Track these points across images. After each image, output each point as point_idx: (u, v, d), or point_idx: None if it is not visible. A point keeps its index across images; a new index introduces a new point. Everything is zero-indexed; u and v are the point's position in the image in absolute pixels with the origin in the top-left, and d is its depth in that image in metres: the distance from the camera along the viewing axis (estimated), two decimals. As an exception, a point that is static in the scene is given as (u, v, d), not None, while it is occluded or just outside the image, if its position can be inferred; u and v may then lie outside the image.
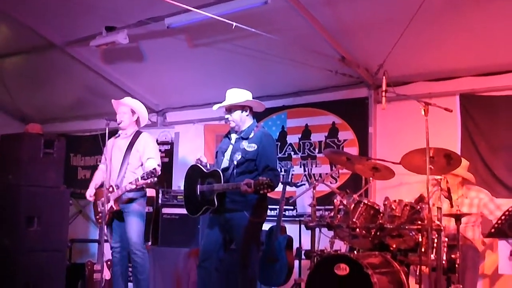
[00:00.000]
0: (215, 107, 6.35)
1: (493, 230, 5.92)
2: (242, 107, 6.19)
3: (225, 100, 6.27)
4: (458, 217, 5.98)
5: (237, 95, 6.24)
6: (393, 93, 6.37)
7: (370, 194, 8.13)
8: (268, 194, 5.87)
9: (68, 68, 10.02)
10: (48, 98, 11.61)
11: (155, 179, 6.79)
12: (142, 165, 7.16)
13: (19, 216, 8.28)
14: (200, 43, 8.51)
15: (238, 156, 6.03)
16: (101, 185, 7.16)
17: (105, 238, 7.19)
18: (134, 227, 7.03)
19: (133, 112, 7.34)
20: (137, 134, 7.30)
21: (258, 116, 6.51)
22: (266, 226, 7.51)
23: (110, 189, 6.98)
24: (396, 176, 6.92)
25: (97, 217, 7.25)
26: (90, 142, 11.37)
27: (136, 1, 7.10)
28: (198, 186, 6.11)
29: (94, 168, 10.00)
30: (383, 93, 5.84)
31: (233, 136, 6.29)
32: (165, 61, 9.31)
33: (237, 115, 6.20)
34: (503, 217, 5.77)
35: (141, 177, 6.75)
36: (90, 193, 7.34)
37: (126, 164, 7.13)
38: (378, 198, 7.72)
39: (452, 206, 6.16)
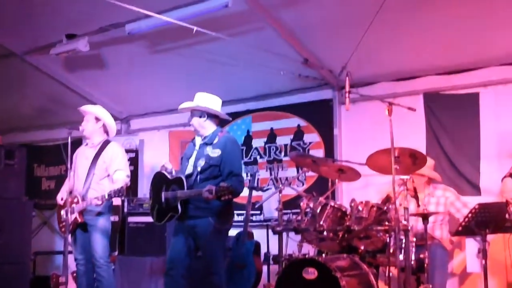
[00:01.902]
0: (180, 106, 6.26)
1: (460, 228, 5.89)
2: (200, 113, 6.13)
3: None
4: (425, 217, 5.99)
5: (201, 99, 6.18)
6: (357, 94, 6.38)
7: (337, 196, 8.13)
8: (235, 199, 5.87)
9: (29, 77, 9.89)
10: (8, 108, 11.40)
11: (123, 197, 6.70)
12: (108, 176, 7.02)
13: (-20, 229, 8.16)
14: (162, 49, 8.45)
15: (202, 162, 5.98)
16: (70, 193, 6.99)
17: (70, 249, 6.98)
18: (99, 241, 6.89)
19: (97, 119, 7.18)
20: (105, 144, 7.15)
21: (222, 121, 6.45)
22: (233, 232, 7.45)
23: (75, 200, 6.83)
24: (363, 177, 6.91)
25: (61, 225, 7.09)
26: (54, 152, 11.14)
27: (96, 8, 7.01)
28: (163, 193, 6.04)
29: (58, 178, 9.90)
30: (347, 94, 5.81)
31: (198, 142, 6.22)
32: (128, 67, 9.24)
33: (195, 120, 6.15)
34: (469, 215, 5.74)
35: (108, 195, 6.61)
36: (61, 196, 7.14)
37: (91, 174, 6.98)
38: (345, 200, 7.73)
39: (419, 205, 6.18)
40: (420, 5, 6.69)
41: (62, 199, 7.11)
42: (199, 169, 5.96)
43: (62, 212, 6.98)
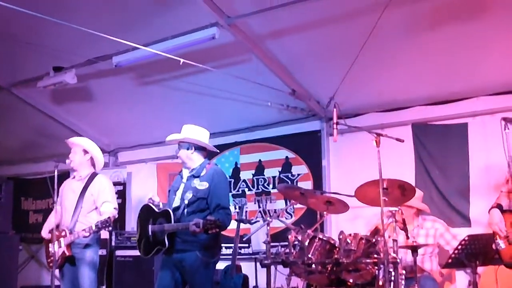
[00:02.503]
0: (168, 138, 6.23)
1: (450, 260, 5.86)
2: (188, 145, 6.10)
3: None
4: (414, 249, 5.93)
5: (188, 132, 6.16)
6: (345, 125, 6.34)
7: (326, 228, 8.12)
8: (223, 232, 5.81)
9: (15, 109, 9.84)
10: (-5, 141, 11.42)
11: (110, 228, 6.65)
12: (96, 208, 6.95)
13: (-35, 263, 8.09)
14: (149, 81, 8.49)
15: (189, 195, 5.92)
16: (57, 226, 6.91)
17: (57, 283, 6.97)
18: (86, 275, 6.79)
19: (85, 151, 7.13)
20: (92, 177, 7.10)
21: (211, 153, 6.45)
22: (221, 265, 7.40)
23: (63, 233, 6.77)
24: (352, 209, 6.85)
25: (49, 260, 6.98)
26: (41, 185, 11.00)
27: (83, 40, 7.02)
28: (150, 226, 5.98)
29: (46, 211, 9.82)
30: (334, 126, 5.78)
31: (185, 174, 6.17)
32: (115, 100, 9.25)
33: (183, 152, 6.11)
34: (459, 247, 5.72)
35: (96, 226, 6.55)
36: (45, 232, 7.05)
37: (79, 208, 6.90)
38: (334, 232, 7.69)
39: (408, 237, 6.11)
40: (408, 37, 6.75)
41: (47, 234, 7.03)
42: (186, 202, 5.89)
43: (50, 247, 6.90)
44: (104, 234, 8.61)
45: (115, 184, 9.68)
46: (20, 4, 5.58)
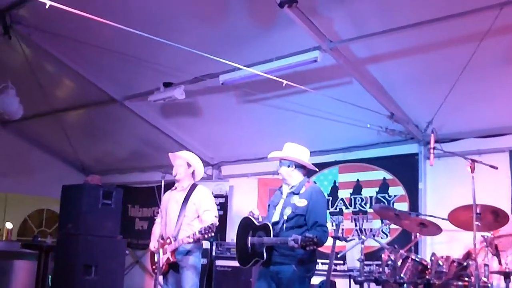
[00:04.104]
0: (270, 155, 6.41)
1: (540, 287, 5.88)
2: (289, 162, 6.25)
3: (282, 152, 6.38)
4: (507, 275, 5.93)
5: (290, 150, 6.31)
6: (441, 150, 6.45)
7: (420, 250, 8.12)
8: (319, 248, 5.86)
9: (127, 121, 10.39)
10: (107, 150, 11.99)
11: (213, 233, 6.85)
12: (198, 217, 7.21)
13: (77, 265, 8.52)
14: (253, 99, 8.73)
15: (288, 211, 6.05)
16: (161, 236, 7.23)
17: None
18: (190, 280, 7.05)
19: (188, 165, 7.41)
20: (193, 187, 7.36)
21: (310, 171, 6.53)
22: (316, 280, 7.54)
23: (168, 241, 7.07)
24: (447, 232, 6.92)
25: (154, 267, 7.25)
26: (147, 193, 11.48)
27: (192, 59, 7.28)
28: (249, 238, 6.15)
29: (150, 219, 10.19)
30: (431, 150, 5.90)
31: (285, 190, 6.30)
32: (220, 115, 9.56)
33: (284, 169, 6.25)
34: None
35: (199, 232, 6.79)
36: (154, 245, 7.31)
37: (182, 216, 7.19)
38: (428, 254, 7.68)
39: (501, 263, 6.15)
40: (506, 65, 6.75)
41: (155, 247, 7.33)
42: (285, 217, 6.03)
43: (156, 256, 7.20)
44: (206, 244, 8.94)
45: (217, 196, 10.00)
46: (135, 26, 5.88)
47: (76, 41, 8.21)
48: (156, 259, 7.05)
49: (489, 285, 5.68)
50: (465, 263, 5.89)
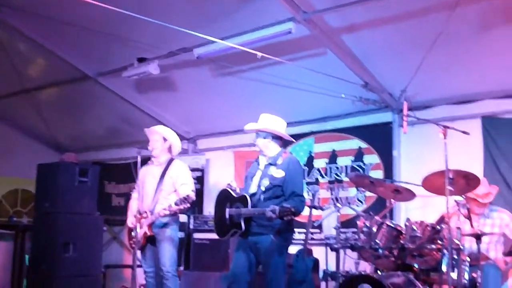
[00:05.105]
0: (246, 127, 6.48)
1: (512, 249, 6.01)
2: (265, 134, 6.32)
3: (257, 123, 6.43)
4: (478, 237, 6.01)
5: (266, 121, 6.38)
6: (414, 118, 6.53)
7: (395, 216, 8.25)
8: (295, 218, 5.93)
9: (102, 98, 10.34)
10: (82, 128, 11.94)
11: (188, 204, 6.94)
12: (175, 191, 7.27)
13: (55, 243, 8.53)
14: (228, 72, 8.73)
15: (266, 182, 6.14)
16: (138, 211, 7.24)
17: (138, 263, 7.24)
18: (167, 253, 7.14)
19: (164, 139, 7.47)
20: (170, 162, 7.43)
21: (286, 142, 6.62)
22: (293, 249, 7.63)
23: (144, 215, 7.13)
24: (422, 198, 7.00)
25: (131, 242, 7.32)
26: (123, 170, 11.58)
27: (166, 33, 7.29)
28: (227, 209, 6.21)
29: (127, 195, 10.18)
30: (405, 118, 5.97)
31: (262, 162, 6.39)
32: (195, 90, 9.55)
33: (260, 141, 6.33)
34: (523, 236, 5.86)
35: (175, 203, 6.89)
36: (131, 221, 7.35)
37: (159, 190, 7.26)
38: (403, 220, 7.77)
39: (472, 226, 6.27)
40: (479, 32, 6.80)
41: (132, 223, 7.36)
42: (263, 188, 6.13)
43: (133, 231, 7.24)
44: (183, 218, 8.96)
45: (194, 170, 10.01)
46: (107, 2, 5.88)
47: (47, 18, 8.13)
48: (133, 234, 7.10)
49: (462, 247, 5.77)
50: (438, 227, 5.97)
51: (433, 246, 5.90)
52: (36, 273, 8.66)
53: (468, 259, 6.04)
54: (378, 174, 8.67)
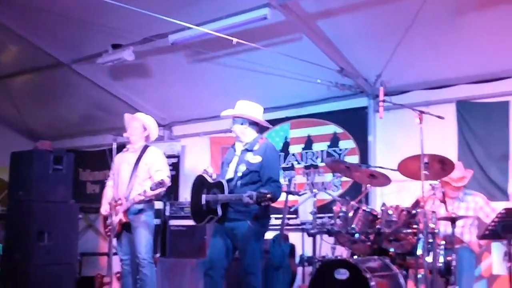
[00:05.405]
0: (223, 113, 6.48)
1: (487, 232, 6.03)
2: (242, 120, 6.33)
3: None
4: (453, 220, 6.07)
5: (243, 107, 6.38)
6: (390, 103, 6.56)
7: (371, 201, 8.29)
8: (272, 204, 5.94)
9: (76, 85, 10.25)
10: (56, 115, 11.82)
11: (164, 189, 6.92)
12: (150, 177, 7.23)
13: (30, 231, 8.47)
14: (204, 58, 8.71)
15: (242, 168, 6.15)
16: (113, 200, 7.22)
17: (114, 250, 7.23)
18: (143, 239, 7.12)
19: (144, 128, 7.45)
20: (145, 148, 7.39)
21: (262, 127, 6.68)
22: (270, 235, 7.64)
23: (119, 202, 7.08)
24: (397, 182, 7.05)
25: (106, 230, 7.31)
26: (98, 157, 11.47)
27: (141, 19, 7.22)
28: (204, 195, 6.22)
29: (102, 182, 10.14)
30: (381, 103, 6.00)
31: (238, 147, 6.40)
32: (171, 76, 9.52)
33: (237, 127, 6.34)
34: (496, 219, 5.88)
35: (150, 188, 6.82)
36: (105, 208, 7.34)
37: (134, 177, 7.23)
38: (379, 204, 7.82)
39: (447, 210, 6.33)
40: (453, 18, 6.87)
41: (106, 211, 7.36)
42: (239, 174, 6.13)
43: (109, 218, 7.23)
44: (159, 205, 8.93)
45: (169, 156, 9.99)
46: None
47: (19, 4, 8.06)
48: (108, 222, 7.09)
49: (437, 230, 5.82)
50: (413, 211, 6.01)
51: (409, 230, 5.95)
52: (10, 262, 8.60)
53: (443, 243, 6.11)
54: (353, 159, 8.71)
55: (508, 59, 7.32)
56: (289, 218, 8.73)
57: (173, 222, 9.10)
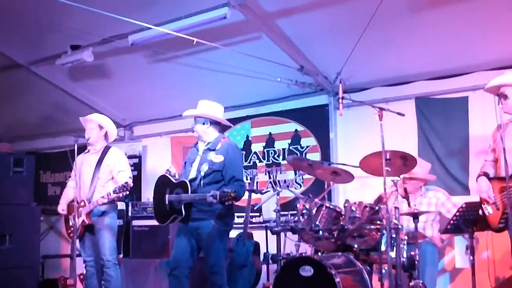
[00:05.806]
0: (184, 113, 6.48)
1: (449, 226, 6.10)
2: (203, 120, 6.34)
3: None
4: (415, 216, 6.16)
5: (204, 107, 6.39)
6: (350, 100, 6.62)
7: (334, 197, 8.37)
8: (235, 203, 5.99)
9: (35, 86, 10.13)
10: (16, 117, 11.65)
11: (127, 192, 6.89)
12: (112, 178, 7.27)
13: (-9, 235, 8.36)
14: (164, 58, 8.67)
15: (205, 167, 6.16)
16: (73, 201, 7.12)
17: (77, 252, 7.20)
18: (106, 241, 7.12)
19: (100, 127, 7.45)
20: (106, 149, 7.40)
21: (224, 127, 6.71)
22: (233, 233, 7.66)
23: (82, 203, 7.08)
24: (359, 179, 7.10)
25: (69, 231, 7.30)
26: (59, 158, 11.38)
27: (100, 20, 7.14)
28: (167, 195, 6.22)
29: (63, 184, 10.07)
30: (340, 100, 6.04)
31: (201, 147, 6.41)
32: (131, 76, 9.46)
33: (199, 126, 6.35)
34: (457, 214, 5.96)
35: (113, 191, 6.82)
36: (62, 207, 7.39)
37: (96, 178, 7.23)
38: (342, 201, 7.84)
39: (409, 205, 6.41)
40: (410, 15, 6.93)
41: (63, 210, 7.35)
42: (202, 173, 6.15)
43: (70, 217, 7.22)
44: (121, 205, 8.91)
45: (130, 157, 9.99)
46: None
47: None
48: (71, 224, 7.06)
49: (400, 226, 5.88)
50: (376, 207, 6.05)
51: (372, 226, 5.99)
52: (-29, 266, 8.48)
53: (406, 238, 6.17)
54: (315, 156, 8.76)
55: (466, 55, 7.42)
56: (252, 216, 8.83)
57: (136, 223, 9.07)
